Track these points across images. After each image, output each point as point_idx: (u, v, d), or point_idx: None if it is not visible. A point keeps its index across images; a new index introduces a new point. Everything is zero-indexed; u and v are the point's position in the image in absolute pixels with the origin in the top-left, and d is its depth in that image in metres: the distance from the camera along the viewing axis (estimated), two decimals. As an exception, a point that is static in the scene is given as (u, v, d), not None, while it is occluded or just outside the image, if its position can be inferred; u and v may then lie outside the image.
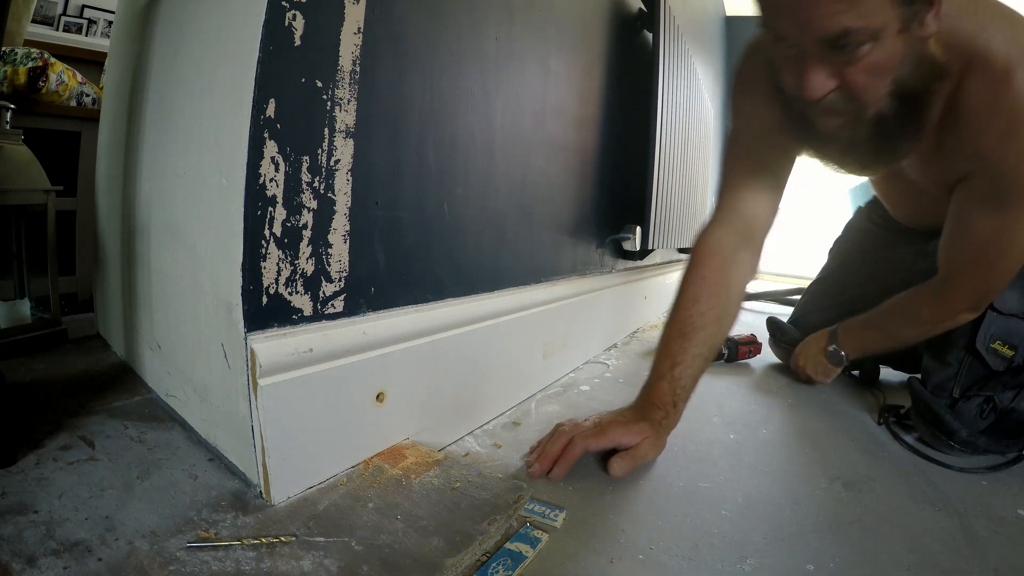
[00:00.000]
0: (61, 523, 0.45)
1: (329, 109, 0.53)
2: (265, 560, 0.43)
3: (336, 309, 0.57)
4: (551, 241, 0.99)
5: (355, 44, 0.54)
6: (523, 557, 0.48)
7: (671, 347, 0.72)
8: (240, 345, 0.50)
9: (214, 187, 0.53)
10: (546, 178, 0.95)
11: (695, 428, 0.82)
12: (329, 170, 0.54)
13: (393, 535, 0.47)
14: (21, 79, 1.27)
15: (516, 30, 0.82)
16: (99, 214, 0.99)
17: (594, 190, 1.15)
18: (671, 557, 0.50)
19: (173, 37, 0.67)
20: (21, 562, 0.40)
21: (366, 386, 0.59)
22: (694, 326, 0.72)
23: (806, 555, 0.51)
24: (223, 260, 0.51)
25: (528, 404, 0.88)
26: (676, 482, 0.65)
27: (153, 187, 0.71)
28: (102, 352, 0.92)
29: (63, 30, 2.13)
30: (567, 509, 0.56)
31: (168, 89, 0.68)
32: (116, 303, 0.87)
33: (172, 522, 0.47)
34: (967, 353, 0.80)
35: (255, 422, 0.49)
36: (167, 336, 0.68)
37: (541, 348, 0.94)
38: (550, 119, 0.94)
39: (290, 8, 0.48)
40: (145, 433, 0.63)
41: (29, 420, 0.63)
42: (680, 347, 0.71)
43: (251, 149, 0.47)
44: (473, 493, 0.55)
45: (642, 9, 1.31)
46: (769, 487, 0.65)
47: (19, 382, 0.75)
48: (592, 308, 1.15)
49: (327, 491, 0.54)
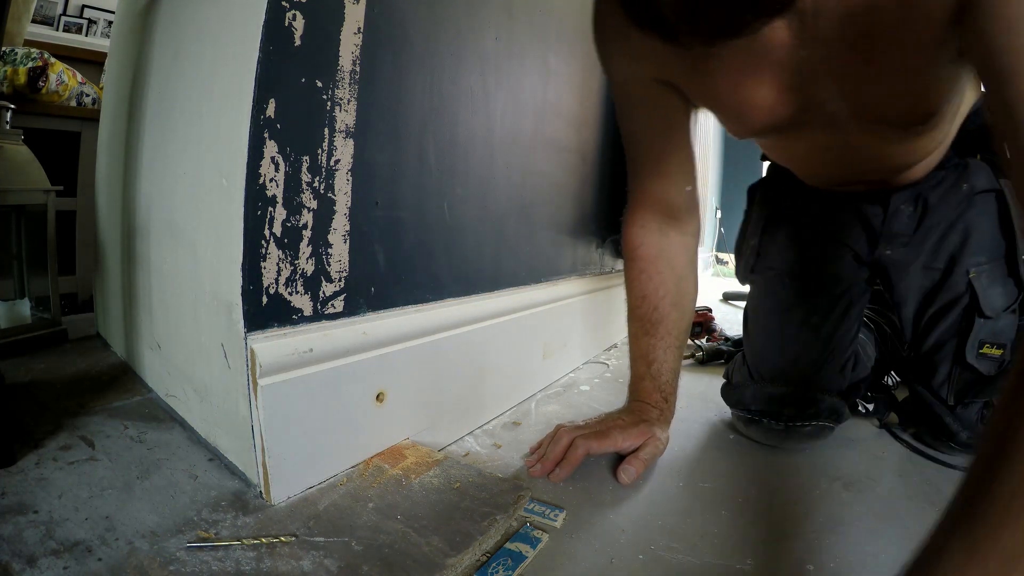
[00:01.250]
0: (61, 523, 0.45)
1: (329, 109, 0.53)
2: (265, 560, 0.43)
3: (336, 309, 0.57)
4: (551, 241, 0.99)
5: (355, 44, 0.54)
6: (523, 557, 0.48)
7: (641, 347, 0.72)
8: (240, 345, 0.50)
9: (214, 187, 0.53)
10: (546, 178, 0.95)
11: (695, 428, 0.82)
12: (329, 170, 0.54)
13: (393, 535, 0.47)
14: (21, 79, 1.28)
15: (516, 30, 0.81)
16: (99, 214, 0.99)
17: (594, 190, 1.15)
18: (671, 557, 0.50)
19: (173, 37, 0.67)
20: (21, 562, 0.40)
21: (366, 386, 0.59)
22: (652, 321, 0.71)
23: (806, 555, 0.51)
24: (223, 260, 0.51)
25: (528, 404, 0.88)
26: (676, 482, 0.65)
27: (153, 187, 0.71)
28: (102, 352, 0.92)
29: (63, 30, 2.13)
30: (567, 509, 0.56)
31: (168, 89, 0.68)
32: (116, 303, 0.87)
33: (172, 522, 0.47)
34: (956, 366, 0.74)
35: (255, 422, 0.49)
36: (167, 336, 0.68)
37: (541, 348, 0.94)
38: (550, 119, 0.94)
39: (290, 8, 0.48)
40: (145, 433, 0.63)
41: (29, 420, 0.63)
42: (648, 344, 0.71)
43: (251, 149, 0.47)
44: (473, 493, 0.55)
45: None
46: (769, 487, 0.65)
47: (19, 382, 0.75)
48: (592, 308, 1.15)
49: (327, 491, 0.54)
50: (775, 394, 0.76)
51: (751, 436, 0.78)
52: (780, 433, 0.75)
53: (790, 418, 0.74)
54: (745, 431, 0.79)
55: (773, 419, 0.75)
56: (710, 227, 2.76)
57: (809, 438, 0.75)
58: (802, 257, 0.83)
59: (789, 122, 0.59)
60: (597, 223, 1.19)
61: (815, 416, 0.74)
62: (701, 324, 1.35)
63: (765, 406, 0.76)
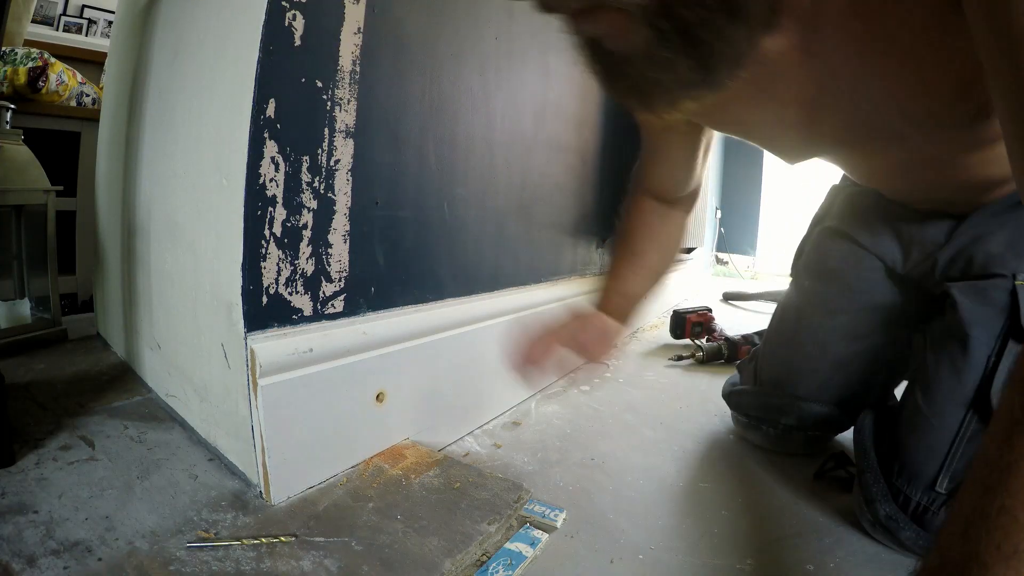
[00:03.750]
0: (61, 523, 0.45)
1: (329, 109, 0.53)
2: (265, 560, 0.43)
3: (336, 309, 0.57)
4: (551, 241, 0.99)
5: (355, 44, 0.54)
6: (523, 557, 0.48)
7: (622, 269, 0.74)
8: (240, 345, 0.50)
9: (214, 187, 0.53)
10: (546, 178, 0.95)
11: (695, 428, 0.82)
12: (329, 170, 0.54)
13: (393, 535, 0.47)
14: (21, 79, 1.28)
15: (516, 30, 0.81)
16: (99, 214, 0.99)
17: (594, 190, 1.15)
18: (671, 557, 0.50)
19: (173, 37, 0.67)
20: (21, 562, 0.40)
21: (366, 386, 0.59)
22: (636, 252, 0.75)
23: (806, 555, 0.51)
24: (223, 260, 0.51)
25: (528, 404, 0.88)
26: (676, 482, 0.65)
27: (153, 187, 0.71)
28: (102, 352, 0.92)
29: (63, 30, 2.13)
30: (567, 509, 0.56)
31: (168, 89, 0.68)
32: (116, 303, 0.87)
33: (172, 522, 0.47)
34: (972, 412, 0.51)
35: (255, 422, 0.49)
36: (167, 336, 0.68)
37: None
38: (550, 119, 0.94)
39: (290, 8, 0.48)
40: (145, 433, 0.63)
41: (29, 420, 0.63)
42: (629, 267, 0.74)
43: (251, 149, 0.47)
44: (473, 493, 0.55)
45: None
46: (769, 487, 0.65)
47: (19, 382, 0.75)
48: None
49: (327, 491, 0.54)
50: (773, 403, 0.75)
51: (749, 438, 0.78)
52: (777, 439, 0.75)
53: (787, 427, 0.74)
54: (743, 433, 0.79)
55: (771, 426, 0.75)
56: (710, 227, 2.75)
57: (807, 445, 0.75)
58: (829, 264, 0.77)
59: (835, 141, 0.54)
60: (597, 223, 1.19)
61: (812, 427, 0.73)
62: (701, 324, 1.34)
63: (763, 413, 0.76)
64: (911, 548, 0.51)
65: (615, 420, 0.83)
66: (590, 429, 0.79)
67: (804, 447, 0.75)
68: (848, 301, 0.75)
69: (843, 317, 0.75)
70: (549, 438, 0.75)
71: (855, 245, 0.75)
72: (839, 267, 0.76)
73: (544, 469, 0.66)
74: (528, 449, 0.71)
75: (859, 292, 0.74)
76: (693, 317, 1.34)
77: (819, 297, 0.78)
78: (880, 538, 0.54)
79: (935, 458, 0.52)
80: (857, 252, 0.75)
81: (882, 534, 0.53)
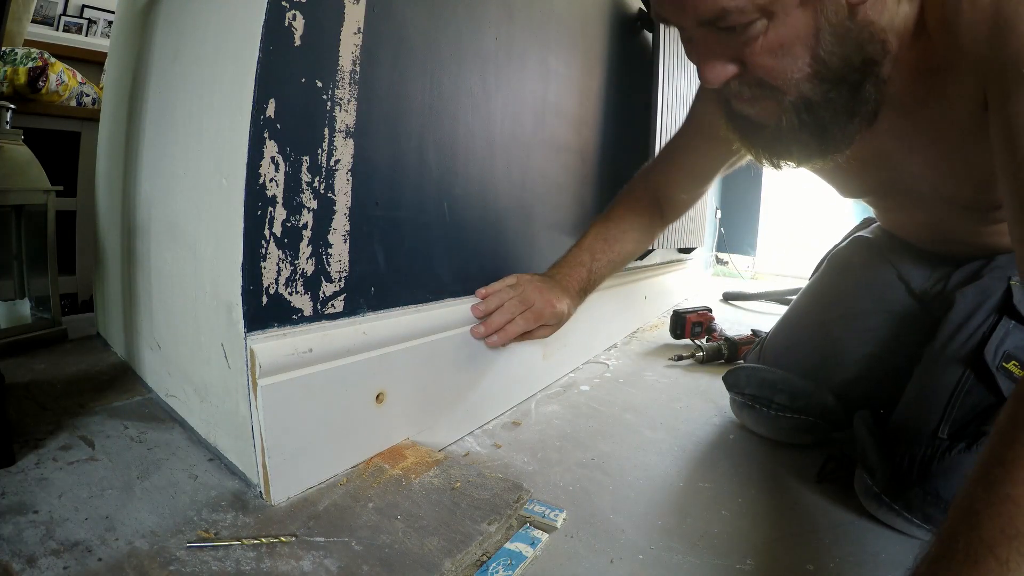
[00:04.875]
0: (61, 523, 0.45)
1: (329, 109, 0.53)
2: (265, 560, 0.43)
3: (336, 309, 0.57)
4: (551, 241, 0.99)
5: (355, 44, 0.54)
6: (523, 557, 0.48)
7: (595, 245, 0.80)
8: (240, 345, 0.50)
9: (214, 187, 0.53)
10: (546, 178, 0.95)
11: (695, 428, 0.82)
12: (329, 170, 0.54)
13: (393, 535, 0.47)
14: (21, 79, 1.28)
15: (516, 30, 0.81)
16: (99, 214, 0.99)
17: (594, 190, 1.15)
18: (671, 557, 0.50)
19: (173, 37, 0.67)
20: (21, 562, 0.40)
21: (366, 386, 0.59)
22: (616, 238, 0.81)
23: (806, 555, 0.51)
24: (223, 260, 0.51)
25: (528, 404, 0.88)
26: (676, 482, 0.65)
27: (153, 187, 0.71)
28: (102, 352, 0.92)
29: (63, 30, 2.13)
30: (567, 509, 0.56)
31: (168, 89, 0.68)
32: (116, 303, 0.87)
33: (172, 522, 0.47)
34: (968, 369, 0.57)
35: (255, 422, 0.49)
36: (167, 336, 0.68)
37: (541, 348, 0.94)
38: (550, 119, 0.94)
39: (290, 8, 0.48)
40: (145, 433, 0.63)
41: (29, 420, 0.63)
42: (601, 248, 0.80)
43: (251, 149, 0.47)
44: (473, 493, 0.55)
45: (642, 9, 1.30)
46: (769, 487, 0.65)
47: (19, 382, 0.75)
48: (592, 308, 1.15)
49: (327, 491, 0.54)
50: (768, 378, 0.77)
51: (743, 422, 0.79)
52: (769, 421, 0.75)
53: (780, 407, 0.74)
54: (738, 416, 0.80)
55: (764, 406, 0.76)
56: (710, 227, 2.75)
57: (799, 432, 0.75)
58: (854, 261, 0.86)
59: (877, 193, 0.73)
60: (597, 223, 1.19)
61: (805, 409, 0.74)
62: (701, 324, 1.34)
63: (757, 390, 0.77)
64: (918, 509, 0.54)
65: (615, 420, 0.83)
66: (590, 429, 0.79)
67: (794, 435, 0.75)
68: (866, 301, 0.80)
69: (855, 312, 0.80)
70: (549, 438, 0.75)
71: (881, 254, 0.83)
72: (863, 266, 0.84)
73: (544, 469, 0.66)
74: (528, 449, 0.71)
75: (878, 295, 0.80)
76: (693, 317, 1.34)
77: (836, 289, 0.85)
78: (884, 516, 0.56)
79: (935, 411, 0.57)
80: (883, 259, 0.82)
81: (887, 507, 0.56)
